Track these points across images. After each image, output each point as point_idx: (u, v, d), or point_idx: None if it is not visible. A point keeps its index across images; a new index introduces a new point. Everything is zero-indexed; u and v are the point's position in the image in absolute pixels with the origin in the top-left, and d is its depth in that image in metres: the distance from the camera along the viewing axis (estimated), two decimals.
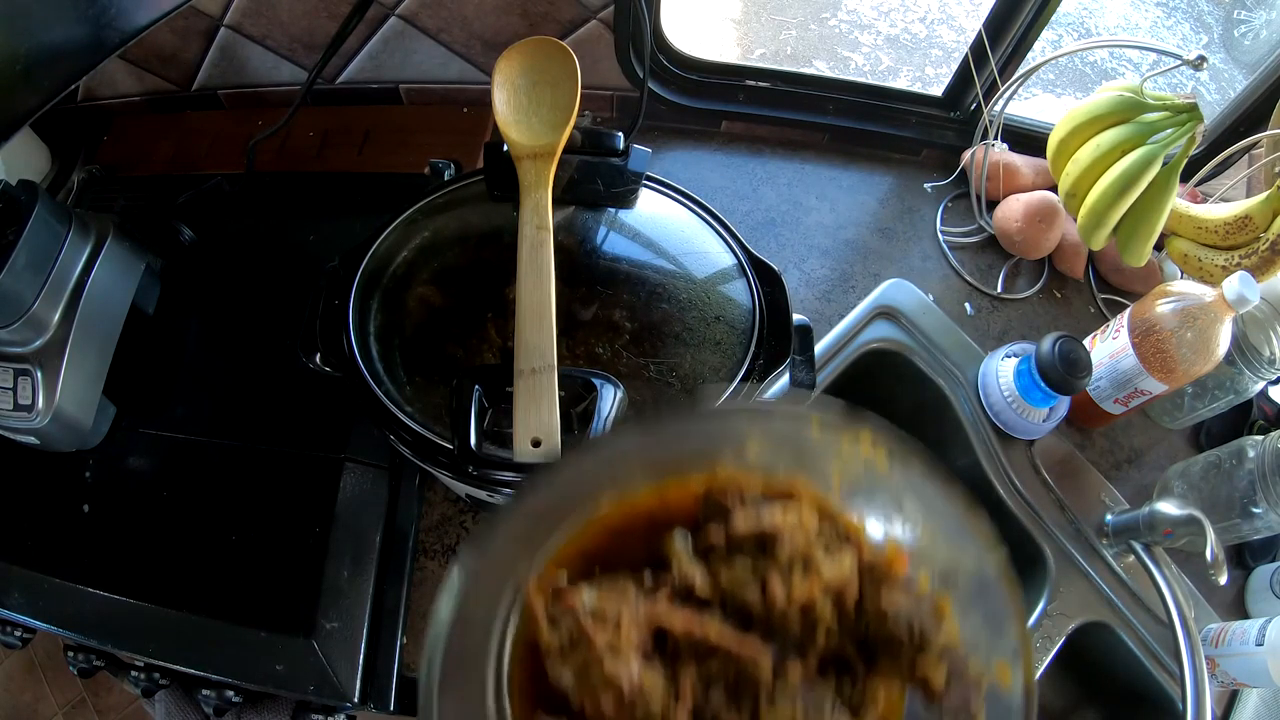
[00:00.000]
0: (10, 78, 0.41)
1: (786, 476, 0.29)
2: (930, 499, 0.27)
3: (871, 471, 0.28)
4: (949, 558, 0.27)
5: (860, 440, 0.27)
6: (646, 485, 0.30)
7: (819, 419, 0.27)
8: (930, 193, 0.95)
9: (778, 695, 0.25)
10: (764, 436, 0.29)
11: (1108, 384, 0.75)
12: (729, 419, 0.28)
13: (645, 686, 0.24)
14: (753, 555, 0.27)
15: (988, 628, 0.26)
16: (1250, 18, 2.39)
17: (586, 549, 0.29)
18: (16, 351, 0.70)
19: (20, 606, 0.71)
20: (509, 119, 0.60)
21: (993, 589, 0.26)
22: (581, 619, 0.25)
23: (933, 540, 0.28)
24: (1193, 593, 0.76)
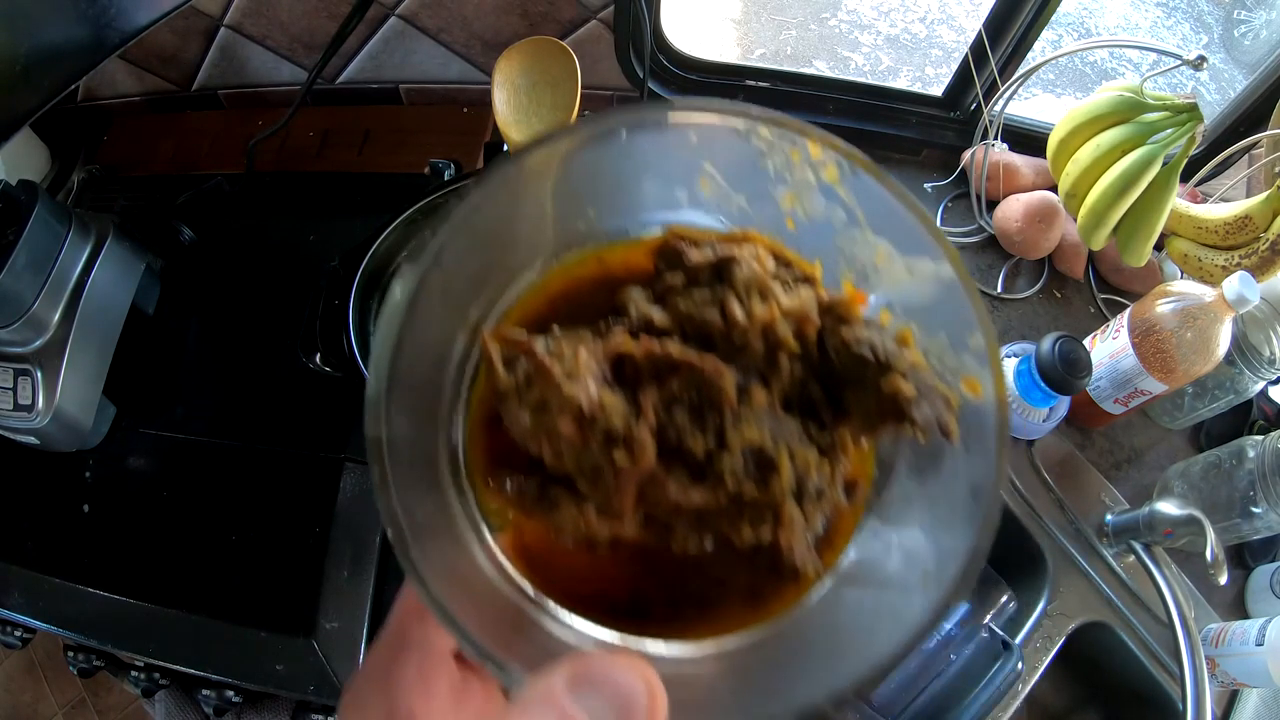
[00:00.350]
0: (10, 78, 0.41)
1: (740, 229, 0.28)
2: (882, 210, 0.26)
3: (825, 190, 0.27)
4: (906, 274, 0.26)
5: (809, 145, 0.26)
6: (598, 245, 0.30)
7: (768, 118, 0.25)
8: (930, 193, 0.95)
9: (743, 417, 0.25)
10: (717, 157, 0.28)
11: (1108, 384, 0.75)
12: (677, 133, 0.27)
13: (605, 403, 0.23)
14: (710, 285, 0.27)
15: (952, 344, 0.26)
16: (1250, 18, 2.39)
17: (541, 312, 0.28)
18: (16, 351, 0.70)
19: (20, 606, 0.71)
20: (509, 119, 0.60)
21: (954, 299, 0.25)
22: (539, 356, 0.24)
23: (889, 258, 0.27)
24: (1193, 593, 0.76)
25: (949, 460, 0.26)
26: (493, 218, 0.26)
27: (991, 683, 0.69)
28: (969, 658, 0.71)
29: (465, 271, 0.26)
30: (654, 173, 0.29)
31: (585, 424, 0.23)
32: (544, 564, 0.27)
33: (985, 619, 0.72)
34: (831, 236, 0.28)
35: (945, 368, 0.26)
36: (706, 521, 0.25)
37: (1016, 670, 0.69)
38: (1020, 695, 0.71)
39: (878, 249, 0.27)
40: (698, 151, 0.27)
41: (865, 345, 0.25)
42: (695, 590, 0.27)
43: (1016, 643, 0.71)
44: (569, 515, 0.25)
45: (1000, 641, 0.71)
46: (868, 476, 0.28)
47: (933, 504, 0.27)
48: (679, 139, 0.27)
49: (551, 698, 0.18)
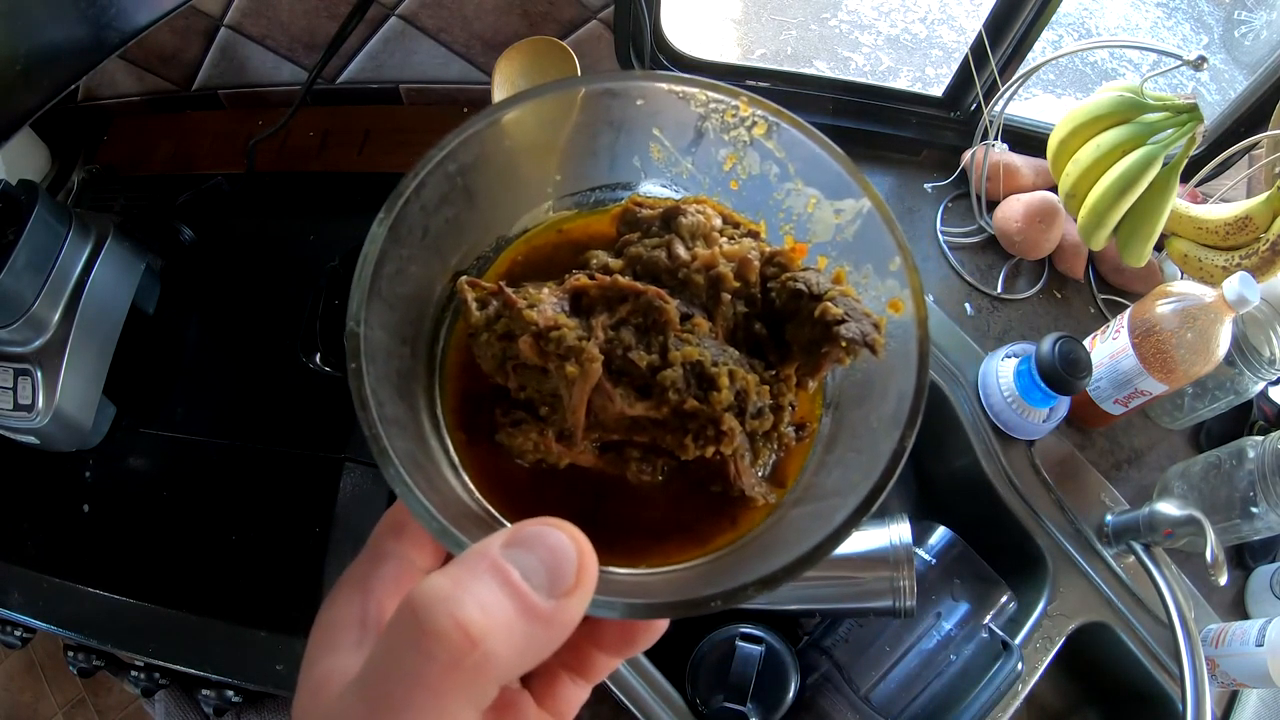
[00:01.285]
0: (10, 78, 0.41)
1: (693, 196, 0.32)
2: (808, 159, 0.29)
3: (759, 146, 0.30)
4: (834, 217, 0.29)
5: (740, 105, 0.29)
6: (566, 215, 0.33)
7: (700, 82, 0.29)
8: (930, 193, 0.95)
9: (685, 337, 0.27)
10: (663, 124, 0.31)
11: (1108, 384, 0.75)
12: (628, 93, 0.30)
13: (558, 322, 0.26)
14: (659, 234, 0.30)
15: (878, 272, 0.28)
16: (1250, 18, 2.39)
17: (515, 273, 0.32)
18: (16, 351, 0.70)
19: (20, 606, 0.71)
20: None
21: (875, 230, 0.28)
22: (507, 293, 0.27)
23: (819, 204, 0.30)
24: (1193, 593, 0.76)
25: (881, 382, 0.28)
26: (468, 168, 0.28)
27: (991, 683, 0.69)
28: (969, 658, 0.71)
29: (443, 215, 0.28)
30: (610, 141, 0.32)
31: (542, 341, 0.26)
32: (504, 490, 0.29)
33: (985, 619, 0.72)
34: (770, 192, 0.31)
35: (874, 296, 0.29)
36: (657, 444, 0.28)
37: (1016, 670, 0.70)
38: (1020, 695, 0.70)
39: (810, 198, 0.30)
40: (646, 119, 0.30)
41: (800, 281, 0.28)
42: (651, 521, 0.29)
43: (1016, 643, 0.71)
44: (530, 437, 0.27)
45: (1000, 641, 0.71)
46: (816, 418, 0.31)
47: (867, 423, 0.28)
48: (627, 107, 0.30)
49: (487, 553, 0.19)
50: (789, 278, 0.28)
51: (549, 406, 0.27)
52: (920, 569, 0.71)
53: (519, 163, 0.31)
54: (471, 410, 0.29)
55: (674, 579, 0.27)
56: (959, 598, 0.72)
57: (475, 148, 0.28)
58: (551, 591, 0.19)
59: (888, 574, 0.66)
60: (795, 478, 0.30)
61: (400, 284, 0.27)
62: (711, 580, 0.26)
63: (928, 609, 0.72)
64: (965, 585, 0.73)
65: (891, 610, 0.66)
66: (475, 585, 0.18)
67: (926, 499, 0.93)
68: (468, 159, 0.28)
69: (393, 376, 0.26)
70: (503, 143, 0.29)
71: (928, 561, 0.74)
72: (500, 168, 0.30)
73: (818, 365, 0.28)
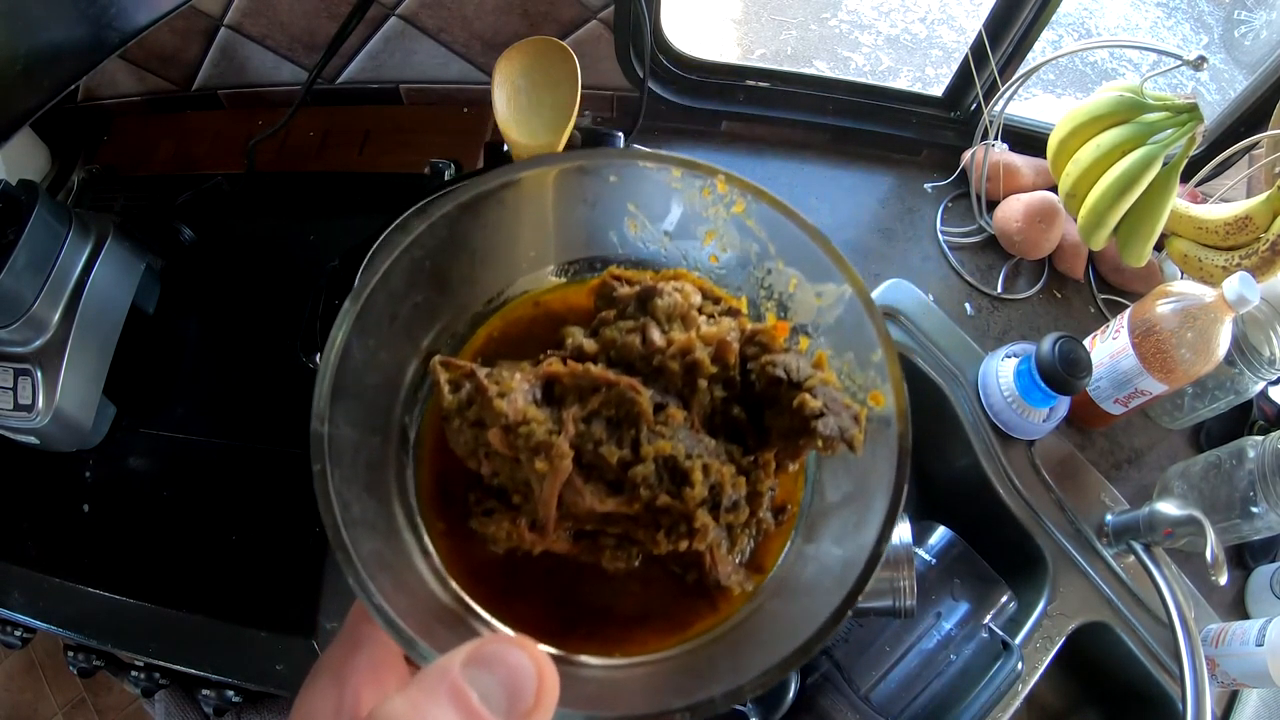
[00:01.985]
0: (10, 78, 0.41)
1: (672, 270, 0.31)
2: (789, 239, 0.28)
3: (738, 224, 0.29)
4: (815, 299, 0.29)
5: (717, 182, 0.28)
6: (542, 288, 0.32)
7: (676, 160, 0.28)
8: (930, 193, 0.95)
9: (659, 430, 0.26)
10: (639, 200, 0.30)
11: (1108, 384, 0.75)
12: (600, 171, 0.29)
13: (529, 415, 0.26)
14: (635, 315, 0.29)
15: (859, 361, 0.28)
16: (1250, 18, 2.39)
17: (490, 348, 0.31)
18: (16, 351, 0.70)
19: (20, 606, 0.71)
20: (509, 119, 0.60)
21: (857, 319, 0.27)
22: (479, 377, 0.26)
23: (800, 286, 0.29)
24: (1193, 593, 0.76)
25: (861, 471, 0.27)
26: (437, 251, 0.27)
27: (991, 683, 0.69)
28: (969, 658, 0.71)
29: (413, 299, 0.28)
30: (585, 216, 0.31)
31: (512, 434, 0.25)
32: (479, 577, 0.28)
33: (985, 619, 0.72)
34: (750, 269, 0.30)
35: (855, 385, 0.28)
36: (630, 536, 0.27)
37: (1016, 670, 0.70)
38: (1020, 695, 0.70)
39: (791, 278, 0.29)
40: (621, 195, 0.30)
41: (780, 366, 0.27)
42: (625, 607, 0.28)
43: (1016, 643, 0.71)
44: (503, 526, 0.27)
45: (1000, 641, 0.71)
46: (797, 501, 0.30)
47: (845, 515, 0.28)
48: (601, 184, 0.29)
49: (447, 674, 0.19)
50: (769, 362, 0.28)
51: (521, 495, 0.27)
52: (920, 569, 0.72)
53: (492, 241, 0.30)
54: (446, 492, 0.29)
55: (647, 674, 0.27)
56: (959, 598, 0.72)
57: (443, 231, 0.27)
58: (510, 713, 0.19)
59: (888, 574, 0.66)
60: (775, 562, 0.29)
61: (369, 374, 0.27)
62: (682, 683, 0.26)
63: (928, 609, 0.72)
64: (965, 585, 0.73)
65: (891, 610, 0.66)
66: (434, 710, 0.19)
67: (926, 499, 0.93)
68: (435, 243, 0.27)
69: (361, 471, 0.26)
70: (475, 223, 0.28)
71: (928, 561, 0.74)
72: (472, 248, 0.30)
73: (796, 451, 0.28)
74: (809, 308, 0.29)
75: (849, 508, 0.28)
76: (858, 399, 0.27)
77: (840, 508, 0.29)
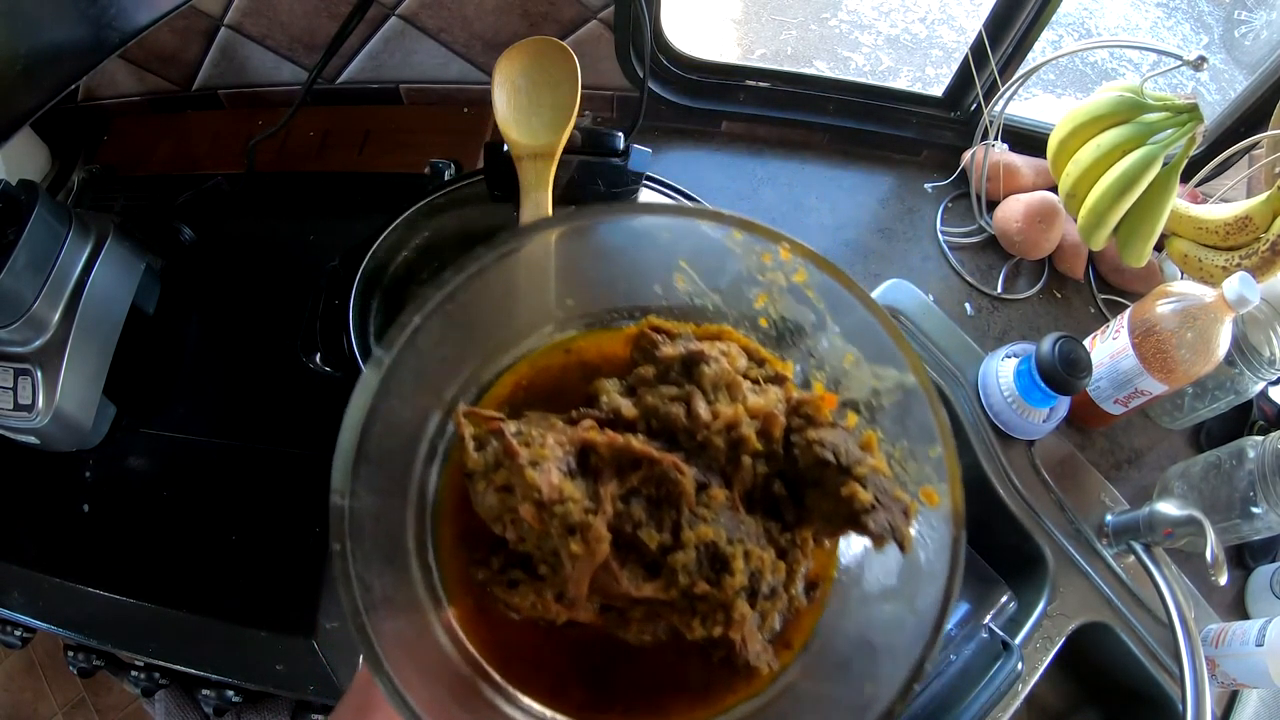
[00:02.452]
0: (10, 78, 0.41)
1: (715, 325, 0.29)
2: (850, 315, 0.27)
3: (796, 291, 0.27)
4: (872, 380, 0.27)
5: (780, 250, 0.26)
6: (575, 334, 0.30)
7: (739, 221, 0.26)
8: (930, 193, 0.95)
9: (700, 515, 0.25)
10: (691, 256, 0.28)
11: (1108, 384, 0.75)
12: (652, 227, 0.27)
13: (565, 492, 0.24)
14: (679, 381, 0.27)
15: (914, 452, 0.26)
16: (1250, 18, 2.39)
17: (517, 397, 0.29)
18: (16, 351, 0.70)
19: (20, 606, 0.71)
20: (509, 119, 0.60)
21: (918, 409, 0.25)
22: (508, 438, 0.25)
23: (857, 364, 0.27)
24: (1193, 593, 0.76)
25: (909, 567, 0.26)
26: (470, 304, 0.26)
27: (991, 683, 0.69)
28: (969, 658, 0.71)
29: (440, 354, 0.27)
30: (629, 268, 0.29)
31: (545, 511, 0.24)
32: (502, 645, 0.27)
33: (985, 619, 0.72)
34: (802, 337, 0.29)
35: (907, 474, 0.26)
36: (661, 614, 0.26)
37: (1016, 670, 0.69)
38: (1020, 695, 0.70)
39: (847, 354, 0.28)
40: (672, 249, 0.28)
41: (829, 448, 0.26)
42: (651, 680, 0.27)
43: (1016, 643, 0.71)
44: (528, 597, 0.26)
45: (1000, 641, 0.71)
46: (829, 578, 0.29)
47: (884, 608, 0.27)
48: (651, 238, 0.28)
49: None
50: (816, 441, 0.26)
51: (549, 567, 0.26)
52: None
53: (528, 289, 0.29)
54: (470, 553, 0.28)
55: None
56: (959, 598, 0.72)
57: (480, 282, 0.26)
58: None
59: None
60: (804, 639, 0.28)
61: (389, 438, 0.25)
62: None
63: None
64: (965, 585, 0.73)
65: None
66: None
67: None
68: (469, 297, 0.25)
69: (382, 542, 0.25)
70: (515, 272, 0.27)
71: None
72: (507, 296, 0.28)
73: (836, 534, 0.27)
74: (863, 385, 0.28)
75: (890, 602, 0.27)
76: (907, 490, 0.26)
77: (879, 600, 0.27)
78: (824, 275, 0.26)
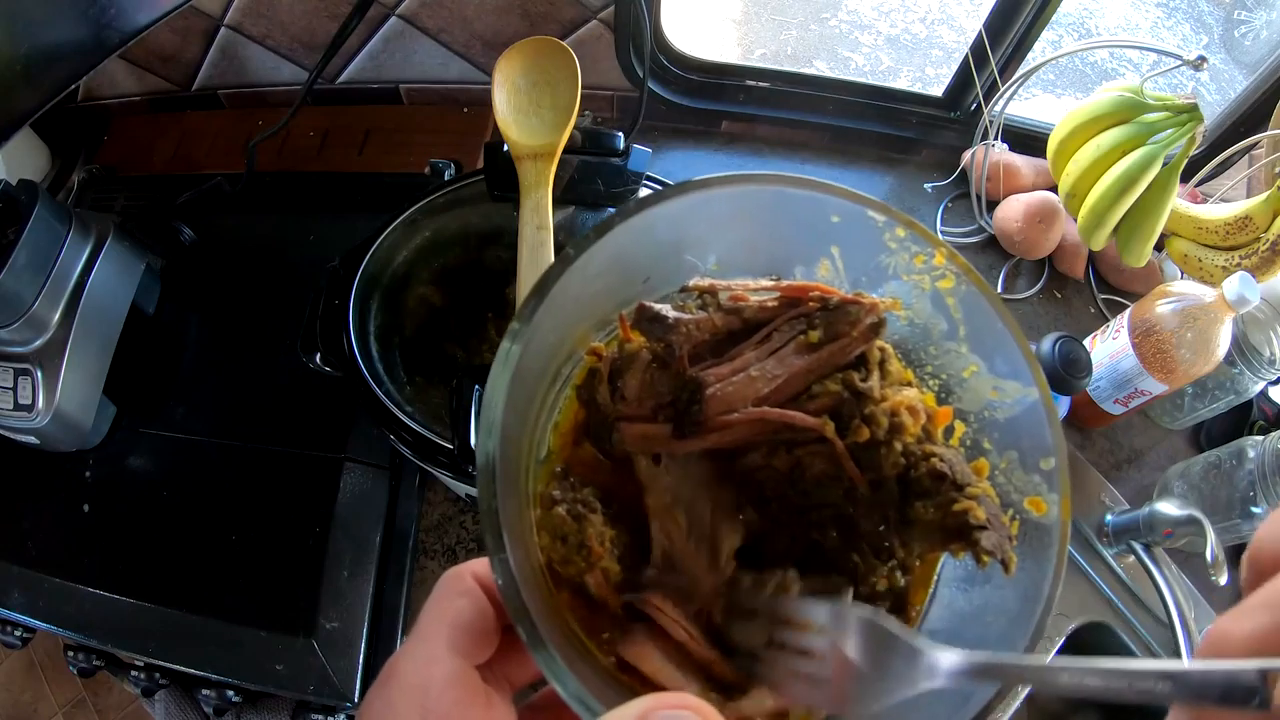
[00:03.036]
0: (10, 78, 0.41)
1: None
2: (984, 328, 0.27)
3: (935, 297, 0.28)
4: (991, 393, 0.28)
5: (936, 253, 0.27)
6: None
7: (907, 220, 0.27)
8: (930, 193, 0.95)
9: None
10: (846, 244, 0.29)
11: (1108, 384, 0.75)
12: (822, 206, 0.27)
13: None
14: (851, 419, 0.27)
15: (1023, 463, 0.27)
16: (1250, 18, 2.39)
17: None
18: (16, 351, 0.70)
19: (20, 606, 0.71)
20: (509, 119, 0.60)
21: (1034, 424, 0.26)
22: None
23: (978, 376, 0.28)
24: (1193, 593, 0.76)
25: (1003, 581, 0.26)
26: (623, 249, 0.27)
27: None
28: None
29: (587, 293, 0.27)
30: (782, 242, 0.30)
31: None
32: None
33: None
34: (925, 344, 0.29)
35: (1012, 485, 0.27)
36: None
37: None
38: (1020, 695, 0.70)
39: (970, 365, 0.28)
40: (829, 234, 0.28)
41: (946, 463, 0.26)
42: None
43: None
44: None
45: None
46: (923, 599, 0.29)
47: (976, 622, 0.27)
48: (816, 217, 0.28)
49: None
50: (934, 454, 0.26)
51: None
52: None
53: (671, 249, 0.29)
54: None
55: None
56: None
57: (666, 216, 0.26)
58: None
59: None
60: None
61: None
62: None
63: None
64: None
65: None
66: None
67: None
68: (626, 238, 0.26)
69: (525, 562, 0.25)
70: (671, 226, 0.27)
71: None
72: (666, 245, 0.28)
73: (936, 549, 0.27)
74: (978, 397, 0.28)
75: (981, 618, 0.27)
76: (1012, 500, 0.26)
77: (970, 619, 0.28)
78: (972, 287, 0.27)
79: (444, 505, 0.76)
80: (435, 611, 0.25)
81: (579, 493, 0.26)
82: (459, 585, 0.25)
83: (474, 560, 0.26)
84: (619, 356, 0.27)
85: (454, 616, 0.24)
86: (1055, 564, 0.25)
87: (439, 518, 0.76)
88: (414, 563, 0.73)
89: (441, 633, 0.24)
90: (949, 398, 0.29)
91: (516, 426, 0.25)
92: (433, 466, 0.54)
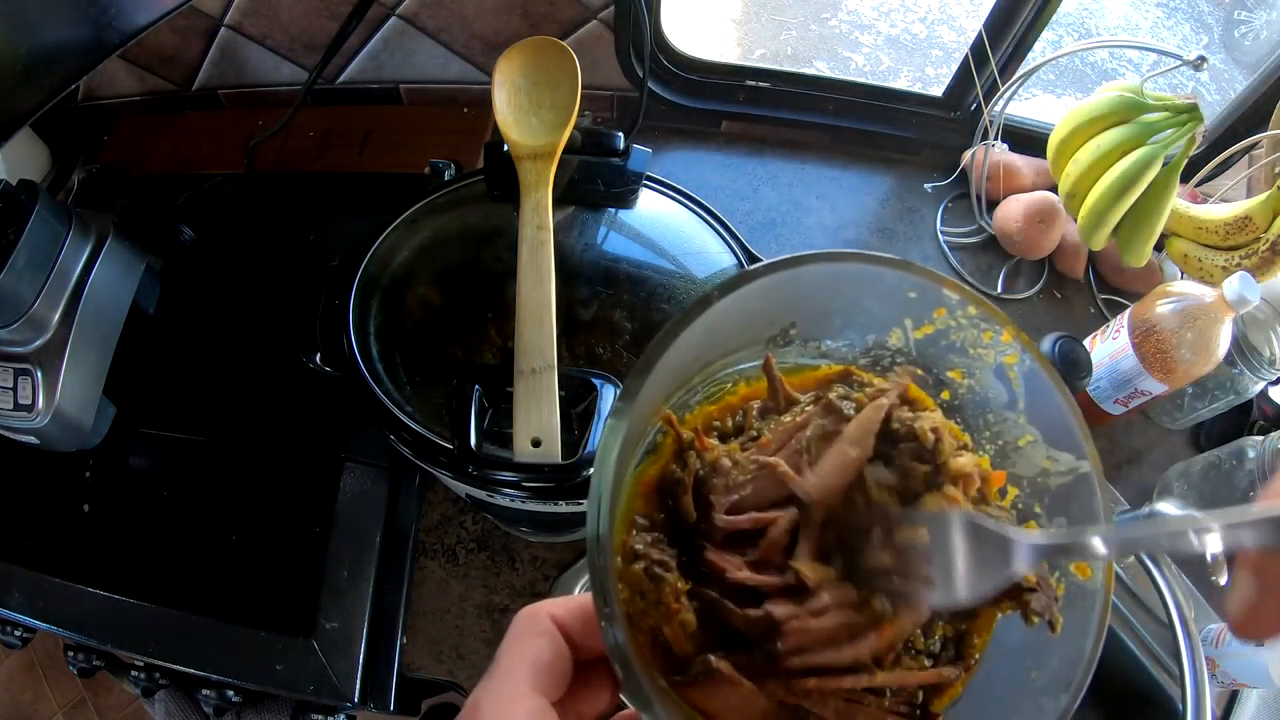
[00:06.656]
0: (10, 78, 0.41)
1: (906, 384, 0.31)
2: (1043, 402, 0.29)
3: (998, 370, 0.29)
4: (1044, 462, 0.29)
5: (1004, 332, 0.28)
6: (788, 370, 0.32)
7: (979, 299, 0.28)
8: (930, 193, 0.95)
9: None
10: (919, 318, 0.30)
11: (1108, 384, 0.75)
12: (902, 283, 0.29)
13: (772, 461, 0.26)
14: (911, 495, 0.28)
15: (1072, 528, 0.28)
16: (1250, 18, 2.39)
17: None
18: (16, 351, 0.70)
19: (20, 606, 0.71)
20: (509, 119, 0.60)
21: (1084, 495, 0.27)
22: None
23: (1033, 445, 0.29)
24: (1193, 593, 0.76)
25: (1044, 639, 0.27)
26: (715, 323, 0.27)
27: None
28: None
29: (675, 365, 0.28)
30: (862, 311, 0.31)
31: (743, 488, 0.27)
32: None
33: None
34: (983, 412, 0.30)
35: None
36: None
37: None
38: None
39: (1026, 434, 0.29)
40: (905, 308, 0.30)
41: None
42: None
43: None
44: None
45: None
46: (980, 649, 0.29)
47: (1023, 678, 0.28)
48: (894, 293, 0.29)
49: None
50: (989, 515, 0.27)
51: None
52: None
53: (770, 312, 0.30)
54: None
55: None
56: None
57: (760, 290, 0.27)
58: None
59: None
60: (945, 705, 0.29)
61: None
62: None
63: None
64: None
65: None
66: None
67: None
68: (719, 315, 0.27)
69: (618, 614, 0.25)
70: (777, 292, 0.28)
71: None
72: (755, 314, 0.29)
73: (988, 609, 0.28)
74: (1032, 465, 0.29)
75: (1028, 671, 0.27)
76: (1058, 564, 0.28)
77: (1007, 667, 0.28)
78: (1035, 363, 0.28)
79: (444, 505, 0.76)
80: (515, 650, 0.26)
81: (658, 550, 0.27)
82: (537, 626, 0.27)
83: (547, 601, 0.28)
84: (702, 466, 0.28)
85: (534, 656, 0.26)
86: (1098, 626, 0.26)
87: (439, 518, 0.76)
88: (414, 563, 0.73)
89: (522, 671, 0.25)
90: (1003, 462, 0.30)
91: (616, 493, 0.26)
92: (432, 466, 0.53)
